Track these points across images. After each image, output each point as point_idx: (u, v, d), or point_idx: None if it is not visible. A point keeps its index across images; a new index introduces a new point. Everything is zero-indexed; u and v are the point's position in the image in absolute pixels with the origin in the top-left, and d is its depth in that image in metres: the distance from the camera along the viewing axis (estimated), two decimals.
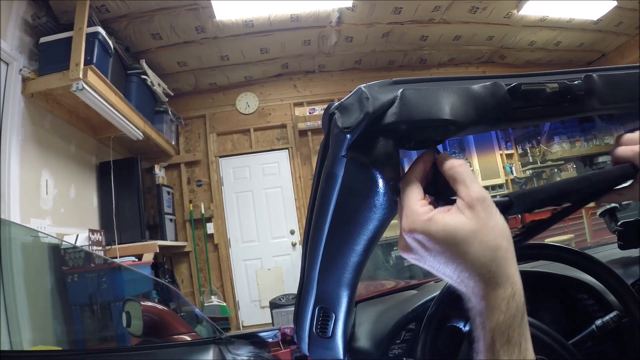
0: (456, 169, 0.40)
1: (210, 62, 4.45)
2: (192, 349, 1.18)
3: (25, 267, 2.18)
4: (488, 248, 0.37)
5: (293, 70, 5.03)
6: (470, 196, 0.38)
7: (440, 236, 0.37)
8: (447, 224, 0.37)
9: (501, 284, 0.36)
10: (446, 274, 0.39)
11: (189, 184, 4.88)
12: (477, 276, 0.37)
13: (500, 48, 5.00)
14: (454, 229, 0.37)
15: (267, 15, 3.76)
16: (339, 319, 0.69)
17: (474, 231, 0.37)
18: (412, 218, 0.38)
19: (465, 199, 0.38)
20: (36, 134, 2.90)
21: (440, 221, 0.37)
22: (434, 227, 0.37)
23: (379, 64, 5.06)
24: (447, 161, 0.41)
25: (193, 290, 4.66)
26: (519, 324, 0.37)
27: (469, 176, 0.40)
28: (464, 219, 0.37)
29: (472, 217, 0.37)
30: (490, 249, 0.37)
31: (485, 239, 0.37)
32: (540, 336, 0.63)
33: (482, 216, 0.37)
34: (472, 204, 0.38)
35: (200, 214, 4.75)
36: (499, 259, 0.37)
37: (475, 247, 0.36)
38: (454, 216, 0.38)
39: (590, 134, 5.40)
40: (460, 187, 0.39)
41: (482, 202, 0.38)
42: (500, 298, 0.36)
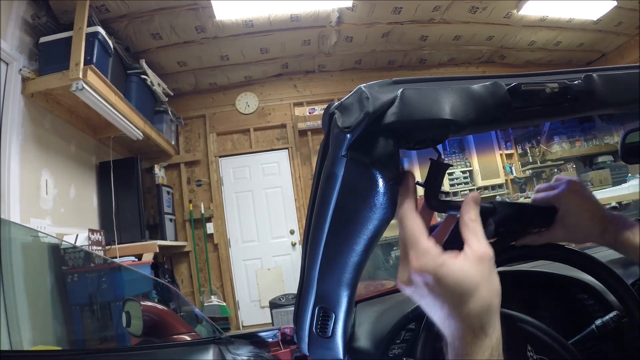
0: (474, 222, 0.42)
1: (210, 62, 4.45)
2: (192, 349, 1.18)
3: (25, 267, 2.18)
4: (484, 302, 0.39)
5: (293, 70, 5.03)
6: (482, 250, 0.40)
7: (449, 282, 0.39)
8: (457, 272, 0.39)
9: (488, 335, 0.39)
10: (438, 315, 0.41)
11: (189, 183, 4.88)
12: (469, 325, 0.39)
13: (500, 48, 5.00)
14: (463, 279, 0.39)
15: (267, 15, 3.76)
16: (338, 318, 0.69)
17: (477, 285, 0.39)
18: (426, 258, 0.40)
19: (477, 252, 0.40)
20: (36, 134, 2.89)
21: (452, 268, 0.39)
22: (445, 272, 0.39)
23: (379, 64, 5.06)
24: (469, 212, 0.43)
25: (193, 290, 4.66)
26: None
27: (482, 232, 0.42)
28: (472, 271, 0.39)
29: (479, 271, 0.39)
30: (486, 303, 0.39)
31: (484, 295, 0.39)
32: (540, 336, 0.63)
33: (486, 272, 0.40)
34: (482, 258, 0.40)
35: (200, 213, 4.75)
36: (491, 312, 0.40)
37: (473, 301, 0.39)
38: (463, 265, 0.39)
39: (590, 134, 5.40)
40: (473, 239, 0.41)
41: (489, 259, 0.40)
42: (486, 346, 0.39)
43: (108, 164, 3.74)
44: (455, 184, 5.48)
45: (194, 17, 3.64)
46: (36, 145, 2.89)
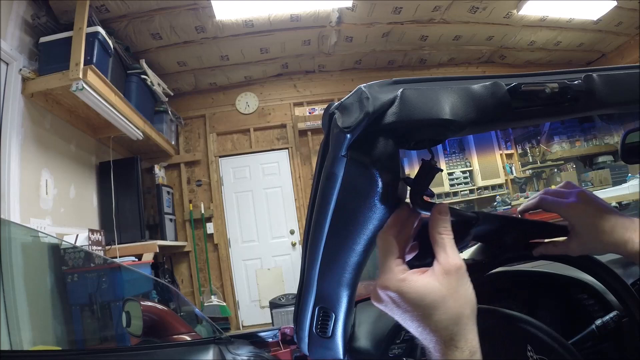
0: (442, 235, 0.43)
1: (210, 62, 4.45)
2: (192, 349, 1.18)
3: (25, 267, 2.18)
4: (452, 315, 0.40)
5: (293, 70, 5.03)
6: (449, 263, 0.41)
7: (411, 297, 0.40)
8: (419, 287, 0.40)
9: (459, 347, 0.39)
10: (412, 328, 0.42)
11: (189, 183, 4.88)
12: (438, 337, 0.40)
13: (500, 48, 5.00)
14: (424, 293, 0.40)
15: (267, 15, 3.76)
16: (338, 318, 0.69)
17: (443, 297, 0.40)
18: (387, 276, 0.42)
19: (443, 265, 0.41)
20: (36, 133, 2.90)
21: (413, 283, 0.40)
22: (406, 287, 0.40)
23: (379, 64, 5.06)
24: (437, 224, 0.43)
25: (193, 290, 4.66)
26: None
27: (452, 244, 0.43)
28: (436, 285, 0.40)
29: (445, 283, 0.40)
30: (454, 316, 0.40)
31: (451, 306, 0.40)
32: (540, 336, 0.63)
33: (453, 284, 0.40)
34: (449, 272, 0.40)
35: (200, 213, 4.75)
36: (461, 324, 0.40)
37: (440, 312, 0.39)
38: (427, 280, 0.40)
39: (590, 134, 5.41)
40: (441, 253, 0.42)
41: (457, 271, 0.41)
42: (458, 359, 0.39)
43: (108, 164, 3.74)
44: (455, 184, 5.48)
45: (194, 17, 3.64)
46: (36, 145, 2.89)
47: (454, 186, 5.47)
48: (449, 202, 5.24)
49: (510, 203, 5.30)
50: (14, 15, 2.74)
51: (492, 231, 0.62)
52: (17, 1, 2.77)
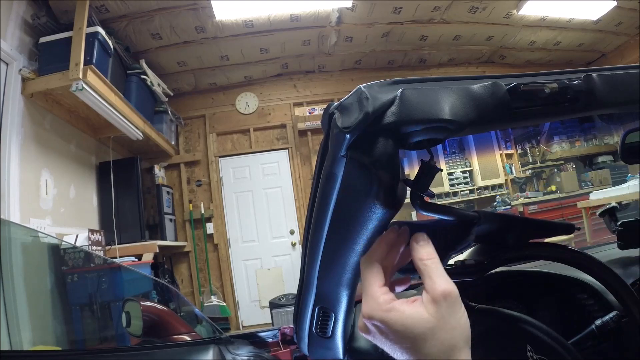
0: (424, 261, 0.40)
1: (210, 62, 4.45)
2: (192, 349, 1.18)
3: (25, 267, 2.18)
4: (444, 347, 0.37)
5: (293, 70, 5.03)
6: (436, 290, 0.38)
7: (398, 328, 0.37)
8: (406, 318, 0.37)
9: None
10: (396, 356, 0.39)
11: (189, 184, 4.88)
12: None
13: (500, 48, 5.00)
14: (412, 324, 0.37)
15: (267, 15, 3.76)
16: (338, 318, 0.69)
17: (432, 329, 0.37)
18: (372, 305, 0.39)
19: (430, 294, 0.38)
20: (36, 133, 2.90)
21: (400, 314, 0.38)
22: (393, 318, 0.38)
23: (378, 64, 5.06)
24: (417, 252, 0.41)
25: (193, 290, 4.66)
26: None
27: (437, 269, 0.40)
28: (425, 315, 0.37)
29: (434, 313, 0.37)
30: (445, 348, 0.37)
31: (442, 337, 0.37)
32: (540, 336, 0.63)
33: (443, 314, 0.37)
34: (437, 300, 0.37)
35: (200, 214, 4.75)
36: (453, 356, 0.37)
37: (430, 345, 0.37)
38: (415, 309, 0.38)
39: (589, 134, 5.41)
40: (427, 281, 0.39)
41: (446, 299, 0.38)
42: None
43: (108, 164, 3.74)
44: (455, 184, 5.48)
45: (193, 17, 3.64)
46: (36, 145, 2.89)
47: (454, 186, 5.47)
48: (449, 202, 5.25)
49: (510, 203, 5.30)
50: (14, 15, 2.74)
51: (493, 231, 0.62)
52: (17, 1, 2.77)
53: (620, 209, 1.06)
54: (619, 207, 1.06)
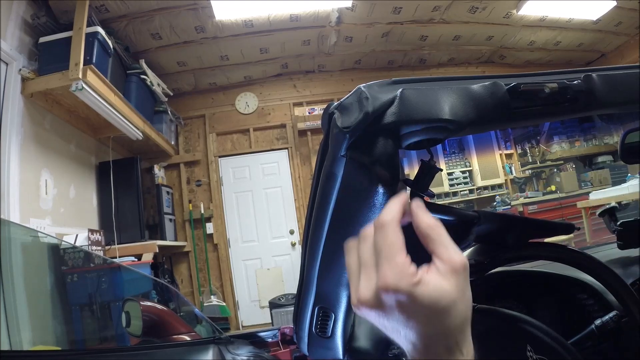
0: (435, 229, 0.37)
1: (210, 62, 4.45)
2: (192, 349, 1.18)
3: (25, 267, 2.18)
4: (460, 319, 0.35)
5: (293, 70, 5.03)
6: (455, 261, 0.35)
7: (425, 302, 0.34)
8: (433, 291, 0.34)
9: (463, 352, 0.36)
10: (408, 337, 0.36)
11: (189, 183, 4.88)
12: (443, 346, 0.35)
13: (500, 48, 5.00)
14: (438, 297, 0.34)
15: (266, 15, 3.76)
16: (338, 318, 0.69)
17: (454, 301, 0.35)
18: (399, 275, 0.34)
19: (449, 264, 0.35)
20: (36, 133, 2.89)
21: (426, 286, 0.34)
22: (421, 290, 0.34)
23: (378, 64, 5.06)
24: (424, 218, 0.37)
25: (192, 290, 4.66)
26: None
27: (449, 238, 0.37)
28: (447, 287, 0.35)
29: (455, 285, 0.35)
30: (462, 320, 0.36)
31: (460, 310, 0.35)
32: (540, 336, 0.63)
33: (462, 286, 0.35)
34: (457, 271, 0.35)
35: (200, 214, 4.75)
36: (466, 329, 0.36)
37: (450, 318, 0.35)
38: (439, 281, 0.35)
39: (589, 134, 5.41)
40: (441, 249, 0.36)
41: (464, 270, 0.36)
42: None
43: (108, 164, 3.74)
44: (455, 184, 5.48)
45: (193, 17, 3.64)
46: (36, 145, 2.89)
47: (454, 186, 5.47)
48: (448, 202, 5.25)
49: (509, 203, 5.30)
50: (13, 15, 2.74)
51: (492, 231, 0.62)
52: (17, 1, 2.77)
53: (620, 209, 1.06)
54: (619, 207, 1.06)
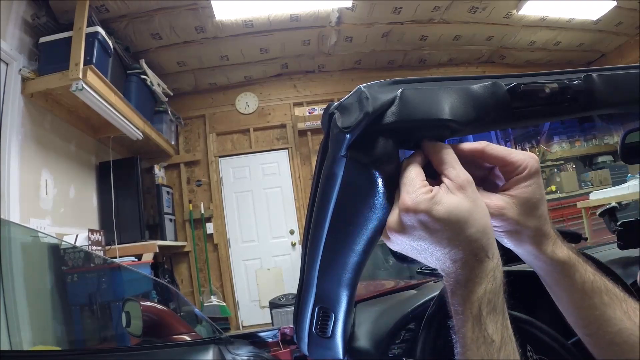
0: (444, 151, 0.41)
1: (210, 62, 4.45)
2: (192, 349, 1.18)
3: (25, 267, 2.18)
4: (480, 226, 0.39)
5: (293, 70, 5.03)
6: (461, 177, 0.40)
7: (443, 214, 0.38)
8: (448, 205, 0.38)
9: (490, 257, 0.39)
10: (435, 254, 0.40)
11: (189, 183, 4.88)
12: (470, 252, 0.39)
13: (500, 48, 5.00)
14: (455, 210, 0.38)
15: (266, 15, 3.76)
16: (338, 318, 0.69)
17: (469, 210, 0.39)
18: (416, 195, 0.39)
19: (456, 181, 0.40)
20: (36, 133, 2.89)
21: (444, 201, 0.38)
22: (438, 206, 0.38)
23: (378, 64, 5.06)
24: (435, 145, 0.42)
25: (193, 290, 4.66)
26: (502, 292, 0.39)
27: (456, 159, 0.41)
28: (460, 199, 0.39)
29: (465, 197, 0.39)
30: (482, 227, 0.39)
31: (478, 217, 0.39)
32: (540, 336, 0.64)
33: (472, 197, 0.40)
34: (463, 186, 0.39)
35: (200, 214, 4.75)
36: (488, 234, 0.40)
37: (471, 225, 0.39)
38: (452, 196, 0.39)
39: (590, 134, 5.40)
40: (449, 169, 0.41)
41: (470, 184, 0.40)
42: (489, 268, 0.39)
43: (108, 164, 3.74)
44: None
45: (193, 17, 3.64)
46: (36, 145, 2.89)
47: None
48: None
49: None
50: (14, 15, 2.74)
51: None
52: (17, 1, 2.77)
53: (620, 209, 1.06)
54: (619, 207, 1.06)
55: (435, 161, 0.42)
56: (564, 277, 0.45)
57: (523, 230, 0.44)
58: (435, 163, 0.42)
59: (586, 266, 0.45)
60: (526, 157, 0.43)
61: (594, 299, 0.44)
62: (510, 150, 0.44)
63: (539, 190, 0.43)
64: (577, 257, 0.45)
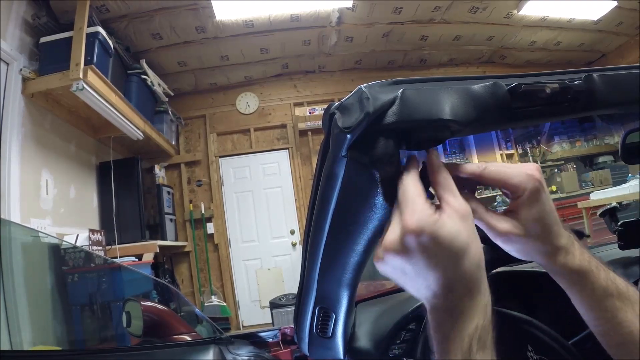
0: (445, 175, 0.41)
1: (210, 62, 4.45)
2: (193, 349, 1.18)
3: (25, 267, 2.18)
4: (475, 261, 0.38)
5: (293, 70, 5.03)
6: (463, 207, 0.39)
7: (445, 240, 0.36)
8: (451, 229, 0.37)
9: (482, 292, 0.38)
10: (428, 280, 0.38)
11: (189, 184, 4.88)
12: (464, 285, 0.38)
13: (501, 48, 5.00)
14: (457, 236, 0.37)
15: (267, 15, 3.76)
16: (339, 319, 0.69)
17: (468, 242, 0.38)
18: (421, 217, 0.37)
19: (458, 209, 0.39)
20: (36, 133, 2.90)
21: (448, 225, 0.37)
22: (442, 229, 0.37)
23: (379, 64, 5.06)
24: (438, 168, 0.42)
25: (193, 290, 4.66)
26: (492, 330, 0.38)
27: (454, 186, 0.41)
28: (461, 229, 0.38)
29: (466, 228, 0.38)
30: (477, 262, 0.38)
31: (474, 251, 0.38)
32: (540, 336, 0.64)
33: (471, 229, 0.39)
34: (465, 216, 0.39)
35: (201, 214, 4.75)
36: (482, 269, 0.39)
37: (468, 257, 0.37)
38: (454, 223, 0.37)
39: (590, 134, 5.40)
40: (450, 197, 0.40)
41: (470, 216, 0.39)
42: (482, 304, 0.38)
43: (108, 164, 3.74)
44: None
45: (194, 17, 3.64)
46: (36, 145, 2.89)
47: None
48: None
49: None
50: (14, 15, 2.74)
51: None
52: (17, 1, 2.77)
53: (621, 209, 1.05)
54: (619, 207, 1.06)
55: (435, 183, 0.41)
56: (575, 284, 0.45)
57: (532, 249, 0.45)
58: (436, 185, 0.41)
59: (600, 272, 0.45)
60: (523, 180, 0.42)
61: (606, 303, 0.44)
62: (509, 173, 0.43)
63: (543, 208, 0.43)
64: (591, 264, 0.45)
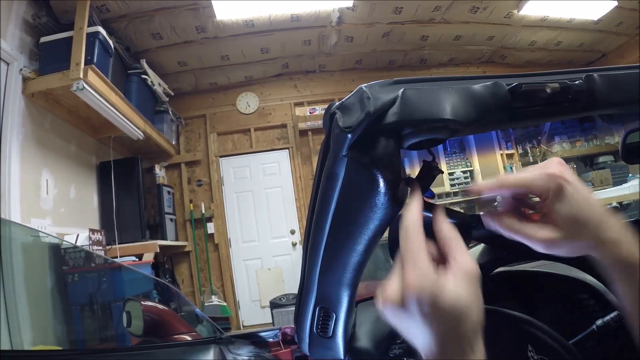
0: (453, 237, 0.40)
1: (210, 62, 4.45)
2: (193, 348, 1.18)
3: (25, 267, 2.18)
4: (473, 326, 0.37)
5: (293, 70, 5.03)
6: (470, 269, 0.38)
7: (446, 305, 0.36)
8: (452, 293, 0.36)
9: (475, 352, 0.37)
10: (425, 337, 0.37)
11: (190, 183, 4.88)
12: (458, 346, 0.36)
13: (501, 48, 5.00)
14: (458, 300, 0.36)
15: (267, 15, 3.76)
16: (339, 318, 0.69)
17: (469, 305, 0.36)
18: (423, 277, 0.36)
19: (465, 271, 0.37)
20: (36, 133, 2.90)
21: (448, 288, 0.36)
22: (442, 293, 0.36)
23: (379, 64, 5.06)
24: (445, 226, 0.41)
25: (193, 290, 4.66)
26: None
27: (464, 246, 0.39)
28: (464, 291, 0.36)
29: (470, 291, 0.37)
30: (475, 327, 0.37)
31: (475, 314, 0.37)
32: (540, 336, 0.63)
33: (475, 292, 0.37)
34: (471, 279, 0.37)
35: (201, 213, 4.75)
36: (477, 332, 0.37)
37: (467, 322, 0.36)
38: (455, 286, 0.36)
39: (590, 134, 5.40)
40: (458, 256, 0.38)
41: (477, 277, 0.38)
42: None
43: (108, 163, 3.74)
44: (455, 184, 5.48)
45: (194, 17, 3.64)
46: (36, 145, 2.89)
47: (455, 186, 5.46)
48: (449, 202, 5.24)
49: None
50: (14, 15, 2.74)
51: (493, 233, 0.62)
52: (17, 1, 2.77)
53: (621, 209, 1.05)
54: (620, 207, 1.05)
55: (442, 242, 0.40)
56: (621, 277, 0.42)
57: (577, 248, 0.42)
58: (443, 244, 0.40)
59: None
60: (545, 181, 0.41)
61: None
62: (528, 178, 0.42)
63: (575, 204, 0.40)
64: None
